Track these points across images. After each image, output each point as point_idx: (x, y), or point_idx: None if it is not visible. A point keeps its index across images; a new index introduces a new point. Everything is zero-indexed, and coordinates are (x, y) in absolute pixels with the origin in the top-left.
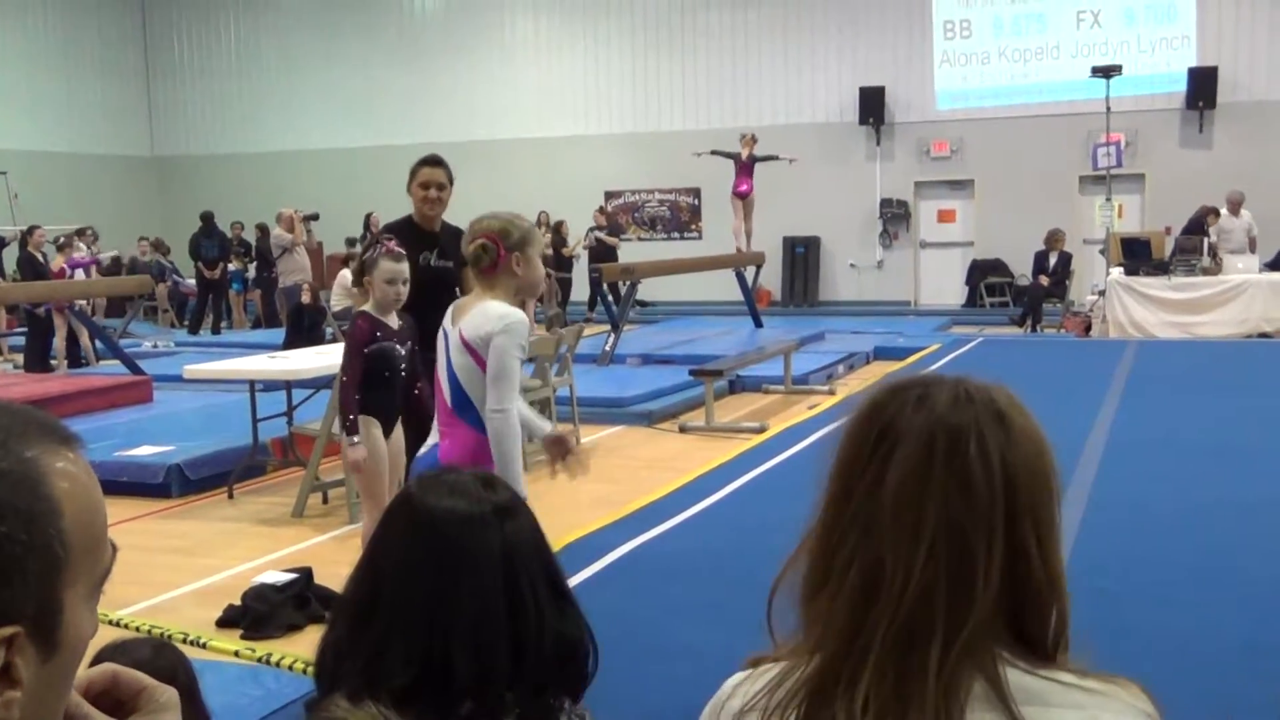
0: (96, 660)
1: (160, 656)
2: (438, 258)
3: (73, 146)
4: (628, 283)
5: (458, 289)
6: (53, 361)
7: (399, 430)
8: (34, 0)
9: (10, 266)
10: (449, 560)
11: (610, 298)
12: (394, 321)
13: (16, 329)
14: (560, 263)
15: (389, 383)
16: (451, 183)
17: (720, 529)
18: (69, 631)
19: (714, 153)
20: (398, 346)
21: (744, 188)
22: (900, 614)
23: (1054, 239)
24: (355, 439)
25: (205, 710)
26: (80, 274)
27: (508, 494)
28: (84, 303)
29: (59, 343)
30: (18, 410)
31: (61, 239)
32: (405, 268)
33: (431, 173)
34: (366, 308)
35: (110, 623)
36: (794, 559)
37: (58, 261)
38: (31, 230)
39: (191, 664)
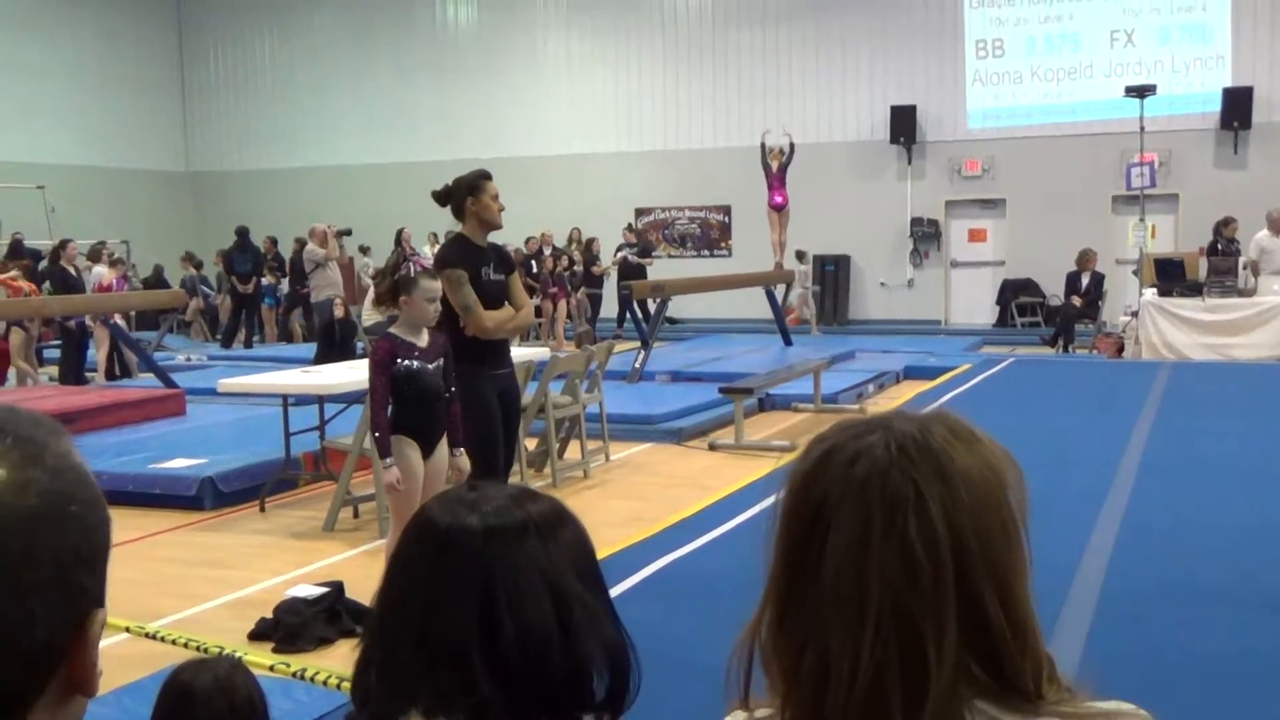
0: (174, 676)
1: (235, 674)
2: (493, 271)
3: (109, 161)
4: (658, 300)
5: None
6: (89, 374)
7: (442, 449)
8: (72, 17)
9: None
10: (425, 571)
11: (640, 314)
12: (422, 339)
13: (52, 341)
14: (590, 280)
15: (418, 401)
16: None
17: (750, 547)
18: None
19: (765, 150)
20: (425, 365)
21: (777, 200)
22: (854, 702)
23: (1086, 259)
24: (388, 461)
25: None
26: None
27: (525, 512)
28: (119, 317)
29: (100, 356)
30: (30, 412)
31: (104, 254)
32: (438, 286)
33: (495, 185)
34: (394, 329)
35: (145, 635)
36: (752, 631)
37: (108, 277)
38: (64, 244)
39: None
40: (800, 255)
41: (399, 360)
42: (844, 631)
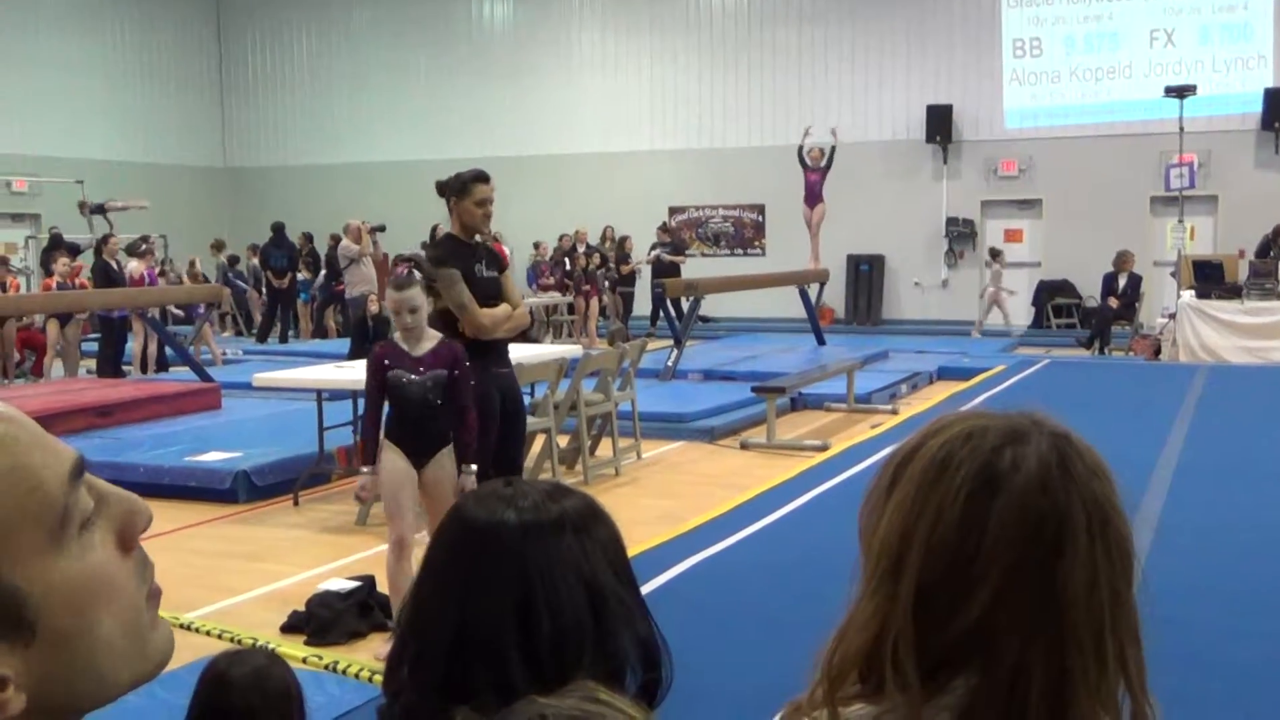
0: (211, 666)
1: (273, 666)
2: (485, 269)
3: (148, 156)
4: (691, 298)
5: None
6: (125, 367)
7: (443, 461)
8: (113, 13)
9: (85, 274)
10: (463, 567)
11: (673, 313)
12: (418, 349)
13: (91, 334)
14: (621, 278)
15: (401, 412)
16: None
17: (781, 546)
18: (43, 600)
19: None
20: (410, 375)
21: (810, 200)
22: (1037, 706)
23: (1123, 260)
24: (365, 468)
25: (305, 714)
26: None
27: (558, 509)
28: (155, 311)
29: (136, 348)
30: None
31: (142, 247)
32: (410, 296)
33: (488, 189)
34: (396, 334)
35: (179, 625)
36: (866, 628)
37: (138, 269)
38: (105, 239)
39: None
40: (995, 254)
41: (386, 363)
42: (1042, 638)
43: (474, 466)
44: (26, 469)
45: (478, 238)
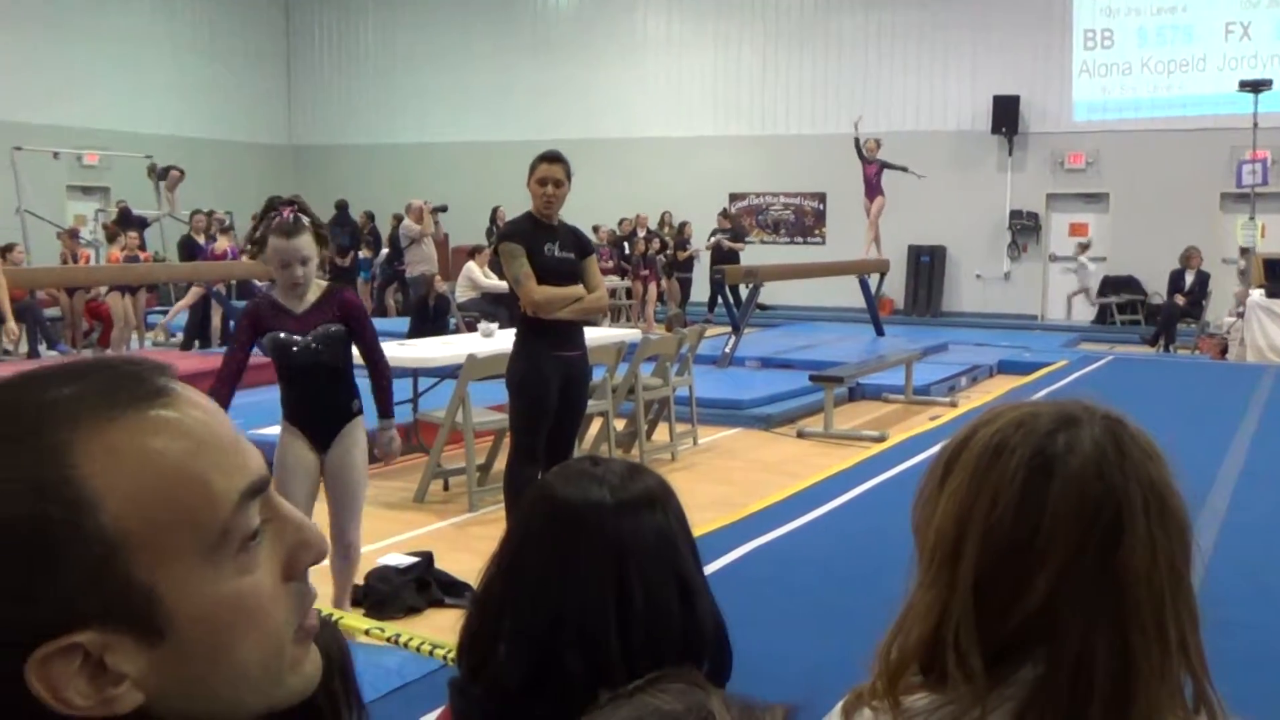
0: None
1: (323, 632)
2: (559, 249)
3: (214, 133)
4: (750, 285)
5: (580, 282)
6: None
7: (347, 439)
8: None
9: (153, 246)
10: (561, 548)
11: (731, 300)
12: (300, 305)
13: (157, 308)
14: (679, 264)
15: (292, 384)
16: (569, 178)
17: (837, 536)
18: (180, 608)
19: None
20: (295, 335)
21: (869, 193)
22: (1104, 697)
23: (1190, 257)
24: None
25: (357, 687)
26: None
27: (643, 486)
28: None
29: (216, 322)
30: (84, 371)
31: (225, 223)
32: (299, 244)
33: (549, 169)
34: (274, 290)
35: None
36: (924, 618)
37: (222, 245)
38: (193, 215)
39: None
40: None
41: (268, 330)
42: (1105, 621)
43: (393, 420)
44: (199, 476)
45: (558, 220)
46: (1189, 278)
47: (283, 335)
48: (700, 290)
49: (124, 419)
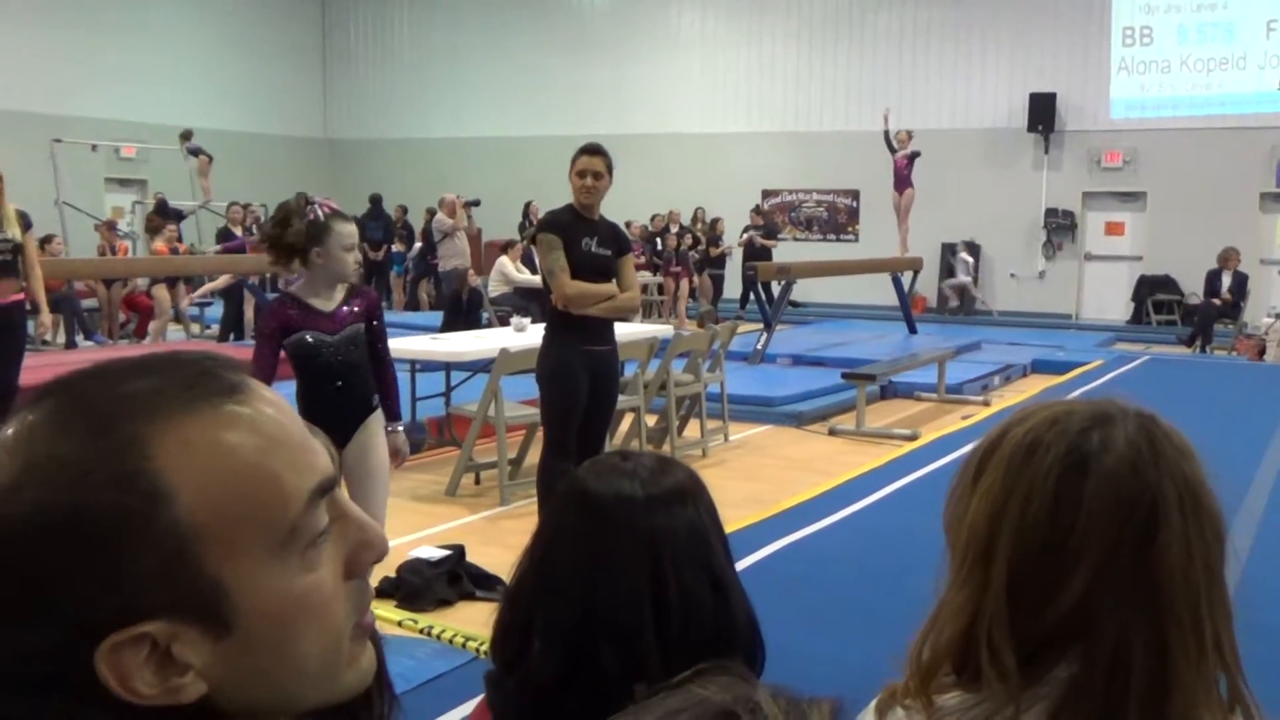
0: None
1: None
2: (597, 245)
3: (251, 126)
4: (782, 282)
5: (615, 279)
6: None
7: (366, 434)
8: None
9: (189, 238)
10: (592, 543)
11: (763, 296)
12: (330, 303)
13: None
14: (710, 261)
15: (315, 384)
16: (610, 172)
17: (867, 534)
18: (247, 601)
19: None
20: (324, 337)
21: (899, 185)
22: (1138, 693)
23: (1228, 257)
24: None
25: (389, 677)
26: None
27: (674, 480)
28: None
29: (250, 314)
30: (161, 365)
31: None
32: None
33: (590, 161)
34: (296, 289)
35: None
36: (957, 617)
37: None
38: (230, 207)
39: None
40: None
41: (298, 330)
42: (1141, 618)
43: (400, 426)
44: (272, 473)
45: (599, 214)
46: (1226, 278)
47: (311, 338)
48: (732, 287)
49: (200, 413)
